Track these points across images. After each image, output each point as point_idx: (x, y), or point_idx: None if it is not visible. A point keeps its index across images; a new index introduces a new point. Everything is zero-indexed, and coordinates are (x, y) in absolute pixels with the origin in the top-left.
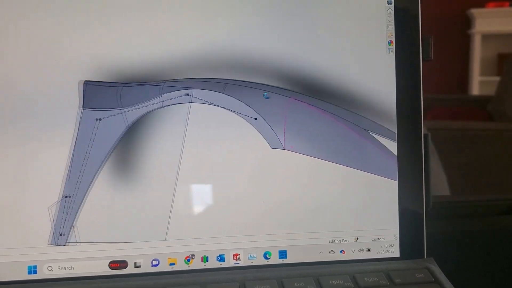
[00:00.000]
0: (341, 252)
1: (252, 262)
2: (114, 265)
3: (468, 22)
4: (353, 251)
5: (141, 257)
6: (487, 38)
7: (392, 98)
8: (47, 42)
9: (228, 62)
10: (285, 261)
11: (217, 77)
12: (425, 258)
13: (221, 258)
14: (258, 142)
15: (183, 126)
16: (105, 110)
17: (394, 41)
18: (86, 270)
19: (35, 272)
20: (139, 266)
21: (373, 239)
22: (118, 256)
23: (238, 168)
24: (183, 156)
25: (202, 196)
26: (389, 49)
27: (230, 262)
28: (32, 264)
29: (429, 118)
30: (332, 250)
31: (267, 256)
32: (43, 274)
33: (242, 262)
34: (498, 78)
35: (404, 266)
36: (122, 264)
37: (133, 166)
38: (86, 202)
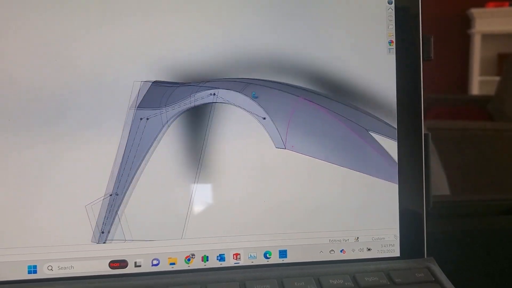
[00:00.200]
0: (341, 251)
1: (252, 262)
2: (114, 264)
3: (468, 22)
4: (353, 251)
5: (141, 256)
6: (487, 38)
7: (392, 98)
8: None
9: (252, 63)
10: (285, 260)
11: (242, 77)
12: (425, 257)
13: (221, 258)
14: (264, 142)
15: (206, 126)
16: (149, 109)
17: (394, 40)
18: (86, 270)
19: (35, 271)
20: (139, 266)
21: (373, 239)
22: (118, 255)
23: (240, 167)
24: (204, 155)
25: (202, 196)
26: (389, 48)
27: (230, 262)
28: (32, 263)
29: (429, 117)
30: (332, 250)
31: (267, 255)
32: (43, 273)
33: (242, 262)
34: (498, 78)
35: (404, 266)
36: (122, 263)
37: (164, 166)
38: (128, 200)
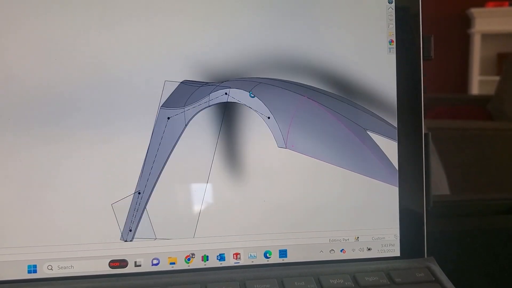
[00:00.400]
0: (341, 251)
1: (252, 261)
2: (114, 264)
3: (467, 22)
4: (353, 250)
5: (141, 256)
6: (487, 37)
7: (392, 97)
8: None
9: (265, 62)
10: (285, 260)
11: (257, 76)
12: (425, 257)
13: (221, 257)
14: (267, 141)
15: (220, 125)
16: (173, 109)
17: (394, 40)
18: (86, 269)
19: (35, 271)
20: (139, 265)
21: (373, 238)
22: (118, 255)
23: (242, 167)
24: (215, 155)
25: (202, 195)
26: (389, 48)
27: (230, 261)
28: (32, 263)
29: (429, 117)
30: (332, 249)
31: (268, 255)
32: (43, 273)
33: (243, 261)
34: (497, 78)
35: (404, 265)
36: (122, 263)
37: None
38: (151, 198)
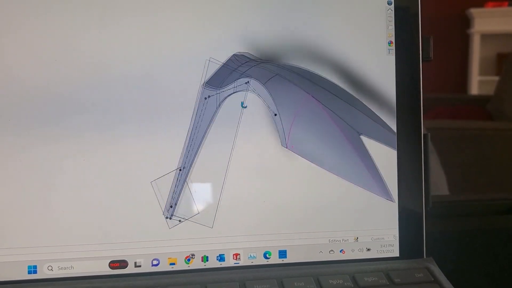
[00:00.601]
0: (341, 251)
1: (252, 262)
2: (114, 264)
3: (467, 22)
4: (352, 251)
5: (141, 256)
6: (486, 37)
7: (392, 98)
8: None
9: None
10: (285, 260)
11: (285, 63)
12: (424, 257)
13: (221, 258)
14: (270, 140)
15: (238, 116)
16: (211, 89)
17: (394, 41)
18: (86, 270)
19: (35, 271)
20: (139, 266)
21: (372, 239)
22: (118, 255)
23: (243, 166)
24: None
25: (202, 195)
26: (389, 49)
27: (230, 262)
28: (32, 264)
29: (428, 117)
30: (332, 250)
31: (267, 256)
32: (43, 273)
33: (242, 262)
34: (497, 78)
35: (403, 266)
36: (122, 263)
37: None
38: (190, 177)
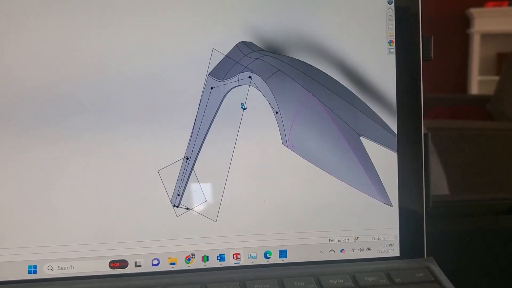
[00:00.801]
0: (341, 251)
1: (252, 262)
2: (114, 264)
3: (467, 22)
4: (353, 251)
5: (141, 256)
6: (486, 37)
7: (392, 98)
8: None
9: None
10: (285, 260)
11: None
12: (425, 257)
13: (221, 258)
14: (271, 138)
15: (241, 110)
16: (216, 80)
17: (394, 40)
18: (86, 270)
19: (36, 271)
20: (139, 266)
21: (373, 239)
22: (118, 255)
23: (243, 166)
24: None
25: (208, 184)
26: (389, 49)
27: (230, 262)
28: (32, 263)
29: (428, 117)
30: (332, 250)
31: (267, 255)
32: (44, 273)
33: (243, 262)
34: (497, 78)
35: (404, 266)
36: (122, 263)
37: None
38: (195, 166)
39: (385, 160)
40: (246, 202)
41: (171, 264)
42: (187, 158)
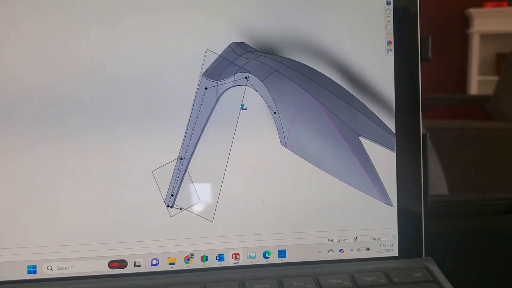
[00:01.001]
0: (340, 251)
1: (251, 262)
2: (113, 264)
3: (466, 22)
4: (352, 250)
5: (140, 256)
6: (486, 37)
7: (391, 98)
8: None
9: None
10: (284, 260)
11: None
12: (423, 257)
13: (220, 258)
14: (269, 139)
15: (238, 110)
16: (210, 80)
17: (393, 41)
18: (86, 270)
19: (35, 271)
20: (139, 266)
21: (372, 238)
22: (117, 255)
23: (241, 165)
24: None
25: (203, 184)
26: (388, 49)
27: (229, 262)
28: (31, 264)
29: (428, 117)
30: (331, 249)
31: (266, 255)
32: (43, 273)
33: (242, 262)
34: (496, 78)
35: (402, 265)
36: (122, 263)
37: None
38: (190, 166)
39: (384, 160)
40: (245, 202)
41: (171, 264)
42: (181, 159)
